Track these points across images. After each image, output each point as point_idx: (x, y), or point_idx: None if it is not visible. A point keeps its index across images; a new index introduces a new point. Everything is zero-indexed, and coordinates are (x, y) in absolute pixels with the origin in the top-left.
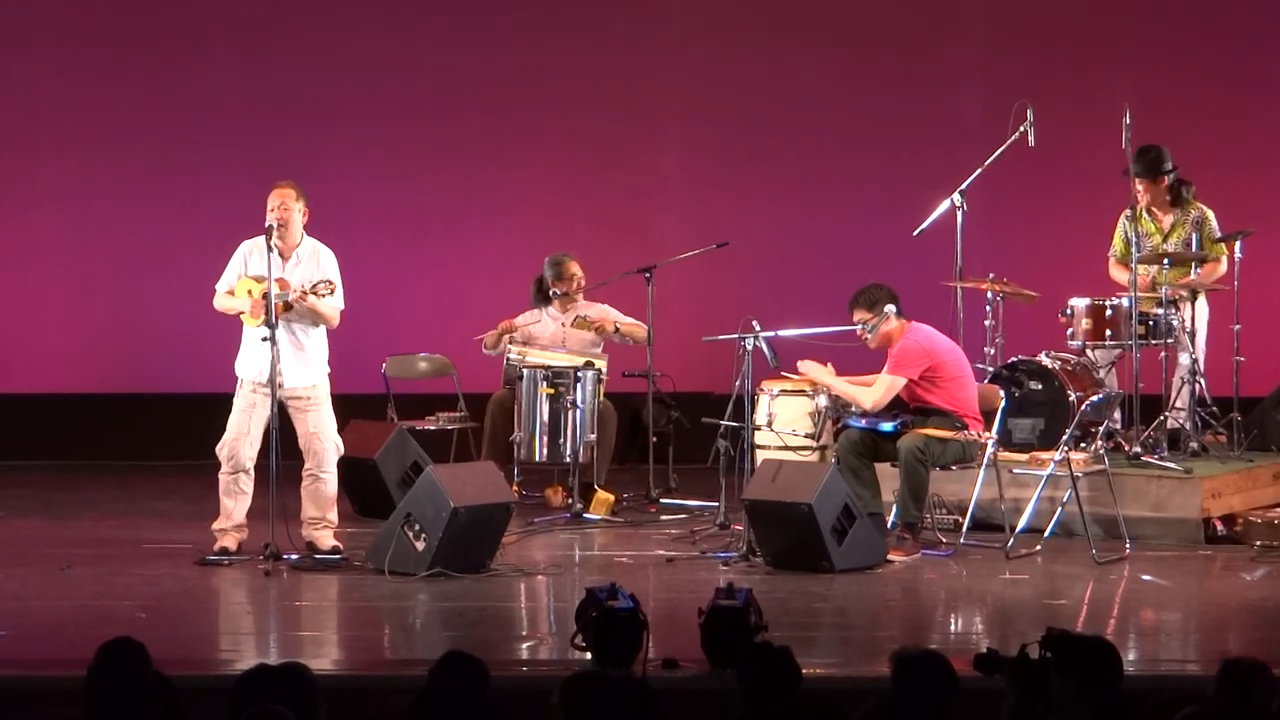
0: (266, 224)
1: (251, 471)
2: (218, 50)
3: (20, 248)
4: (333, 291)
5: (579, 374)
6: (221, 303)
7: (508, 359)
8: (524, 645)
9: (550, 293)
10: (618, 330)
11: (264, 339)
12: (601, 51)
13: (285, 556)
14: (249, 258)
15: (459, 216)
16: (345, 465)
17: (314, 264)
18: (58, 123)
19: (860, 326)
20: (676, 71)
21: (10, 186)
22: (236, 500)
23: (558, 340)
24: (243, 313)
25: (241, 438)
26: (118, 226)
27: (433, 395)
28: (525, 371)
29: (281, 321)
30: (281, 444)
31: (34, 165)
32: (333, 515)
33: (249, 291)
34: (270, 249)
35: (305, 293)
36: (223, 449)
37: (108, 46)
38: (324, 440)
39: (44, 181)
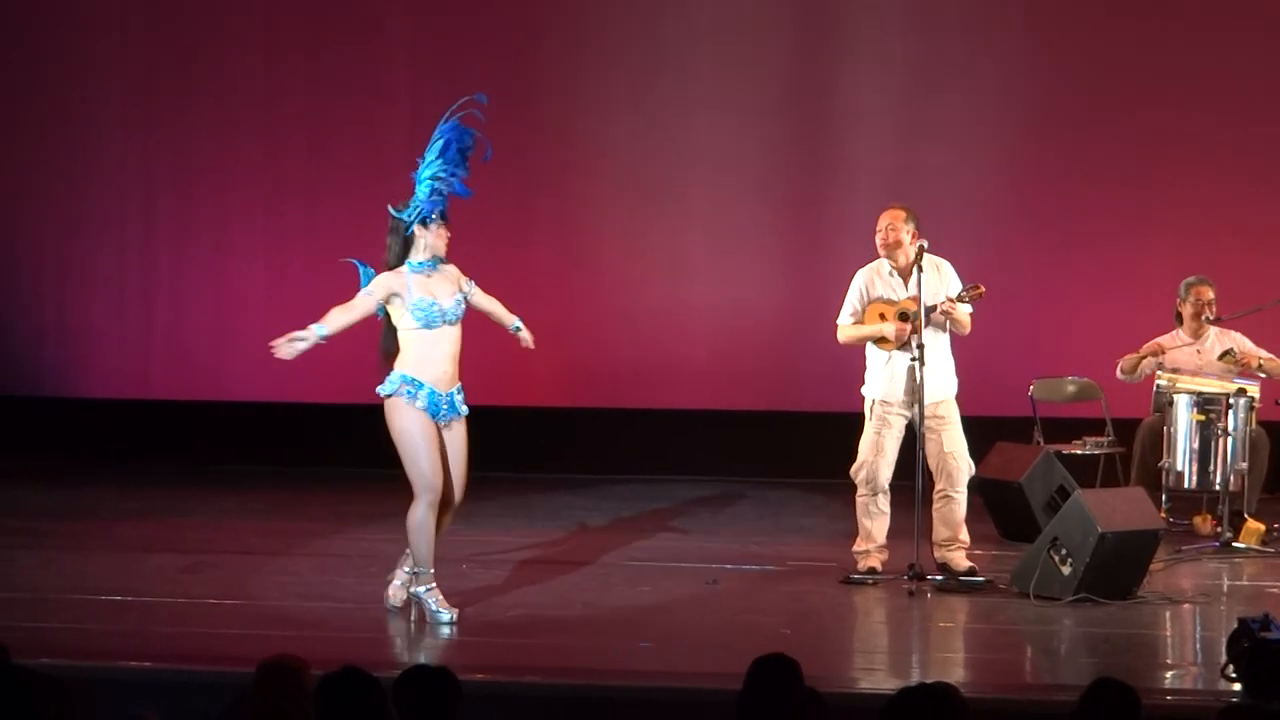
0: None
1: (888, 492)
2: (842, 69)
3: (670, 266)
4: (981, 295)
5: (1231, 401)
6: (850, 334)
7: (1157, 386)
8: (1170, 674)
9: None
10: (1260, 366)
11: (912, 359)
12: (1265, 55)
13: (929, 577)
14: (869, 285)
15: (1105, 235)
16: (990, 487)
17: (935, 275)
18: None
19: None
20: None
21: (658, 210)
22: (875, 521)
23: (1193, 367)
24: (883, 339)
25: (877, 459)
26: (760, 248)
27: (1080, 419)
28: (1175, 398)
29: (912, 337)
30: (909, 463)
31: (685, 194)
32: (964, 535)
33: (881, 315)
34: (890, 273)
35: (953, 300)
36: (859, 471)
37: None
38: (958, 459)
39: (691, 206)
